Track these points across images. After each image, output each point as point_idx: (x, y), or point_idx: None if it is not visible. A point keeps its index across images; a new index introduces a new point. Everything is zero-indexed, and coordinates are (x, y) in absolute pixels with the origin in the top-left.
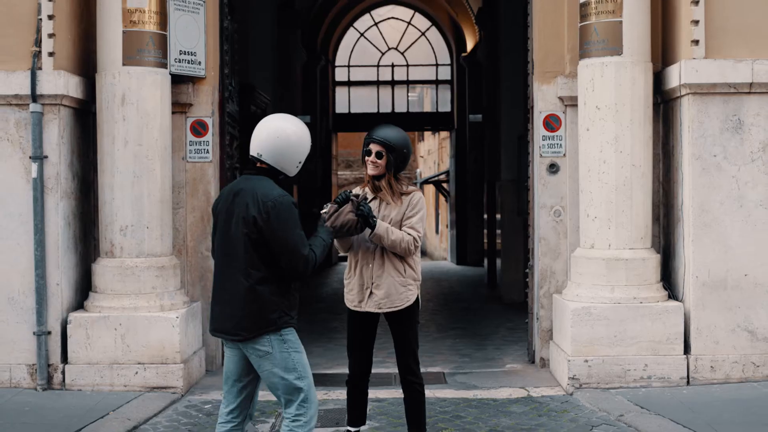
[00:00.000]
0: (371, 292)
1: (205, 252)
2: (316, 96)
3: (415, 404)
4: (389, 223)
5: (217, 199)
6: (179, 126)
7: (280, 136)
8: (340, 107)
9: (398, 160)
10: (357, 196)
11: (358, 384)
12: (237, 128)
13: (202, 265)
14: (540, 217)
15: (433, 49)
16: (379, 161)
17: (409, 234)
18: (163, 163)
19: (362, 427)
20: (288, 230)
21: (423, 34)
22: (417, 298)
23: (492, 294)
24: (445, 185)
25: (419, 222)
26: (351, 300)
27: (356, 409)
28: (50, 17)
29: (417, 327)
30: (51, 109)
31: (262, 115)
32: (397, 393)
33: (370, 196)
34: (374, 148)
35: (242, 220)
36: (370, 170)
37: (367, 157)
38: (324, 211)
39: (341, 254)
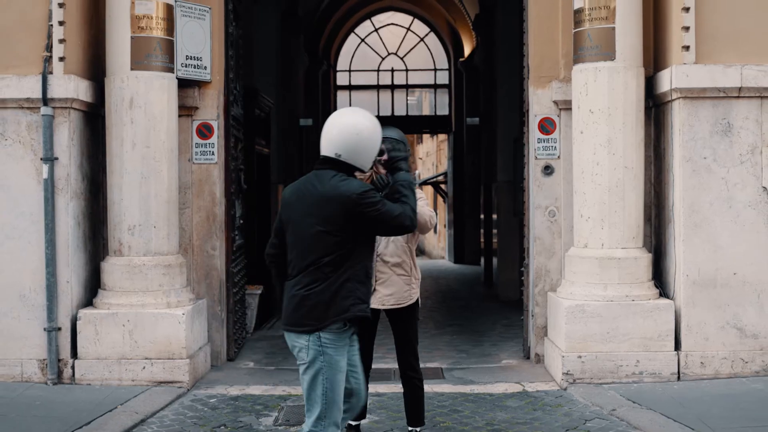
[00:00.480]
0: (375, 289)
1: (210, 251)
2: (318, 99)
3: (414, 398)
4: None
5: (289, 196)
6: (185, 128)
7: (360, 132)
8: None
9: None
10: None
11: None
12: (241, 131)
13: (207, 263)
14: (535, 217)
15: (431, 54)
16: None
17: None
18: (169, 164)
19: (362, 421)
20: (379, 209)
21: (422, 39)
22: (417, 297)
23: (488, 292)
24: (443, 186)
25: (426, 206)
26: None
27: None
28: (61, 23)
29: (417, 324)
30: (61, 113)
31: (266, 118)
32: (396, 388)
33: None
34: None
35: (321, 219)
36: (384, 169)
37: (379, 157)
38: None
39: None
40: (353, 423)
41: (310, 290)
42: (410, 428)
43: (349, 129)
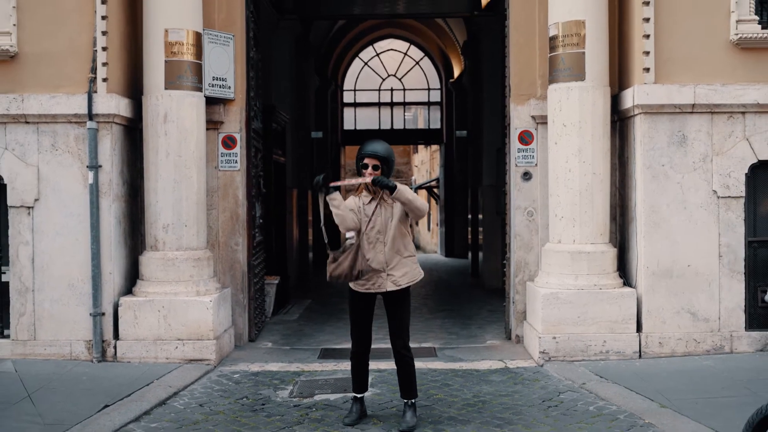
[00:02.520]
0: (389, 274)
1: (234, 246)
2: (327, 115)
3: (406, 374)
4: (390, 218)
5: None
6: (212, 140)
7: None
8: (348, 125)
9: (389, 167)
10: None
11: (360, 358)
12: (261, 142)
13: (231, 257)
14: (515, 216)
15: (425, 75)
16: (375, 172)
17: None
18: (198, 171)
19: (365, 394)
20: None
21: (417, 63)
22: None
23: (475, 281)
24: (435, 190)
25: (417, 197)
26: (362, 284)
27: (359, 379)
28: (104, 49)
29: (410, 308)
30: (104, 126)
31: (282, 131)
32: (394, 365)
33: (367, 197)
34: (370, 162)
35: None
36: (368, 180)
37: (364, 170)
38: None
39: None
40: (358, 395)
41: None
42: (405, 400)
43: None
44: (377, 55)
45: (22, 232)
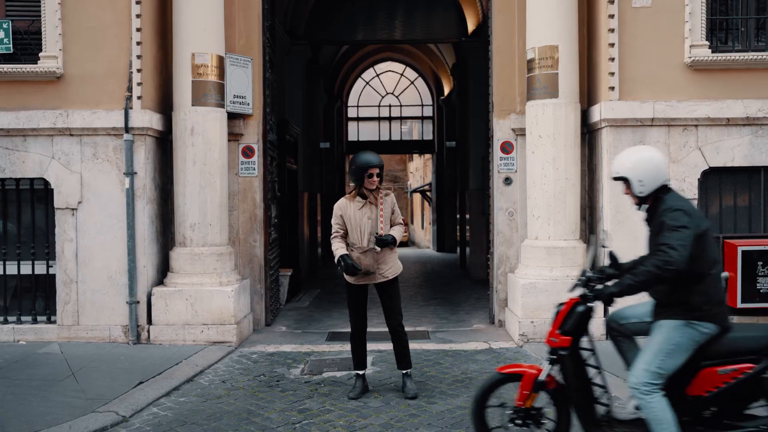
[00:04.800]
0: (377, 269)
1: (252, 243)
2: (334, 128)
3: (401, 348)
4: (378, 217)
5: (702, 219)
6: (233, 150)
7: None
8: (351, 136)
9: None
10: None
11: (359, 338)
12: (276, 151)
13: (250, 252)
14: (498, 216)
15: (419, 93)
16: (377, 179)
17: (401, 224)
18: (221, 177)
19: (366, 371)
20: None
21: (412, 82)
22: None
23: (463, 273)
24: (428, 193)
25: (400, 214)
26: (357, 279)
27: (358, 357)
28: (138, 70)
29: (399, 292)
30: (139, 138)
31: (294, 142)
32: (392, 347)
33: (359, 203)
34: (374, 171)
35: None
36: (372, 186)
37: (368, 179)
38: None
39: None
40: (360, 372)
41: None
42: (402, 371)
43: None
44: (377, 75)
45: (67, 231)
